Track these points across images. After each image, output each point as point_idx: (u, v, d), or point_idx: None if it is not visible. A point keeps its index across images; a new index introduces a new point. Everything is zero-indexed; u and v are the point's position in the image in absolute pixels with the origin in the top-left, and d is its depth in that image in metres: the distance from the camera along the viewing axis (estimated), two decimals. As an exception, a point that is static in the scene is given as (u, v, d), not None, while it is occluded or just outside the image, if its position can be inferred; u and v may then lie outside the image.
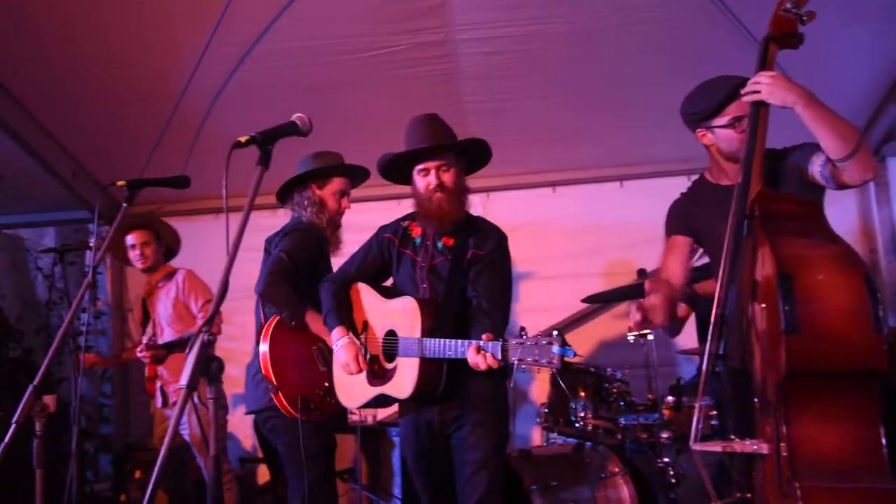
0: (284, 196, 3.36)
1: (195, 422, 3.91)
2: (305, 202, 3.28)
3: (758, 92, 2.26)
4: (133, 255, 4.21)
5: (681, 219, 2.69)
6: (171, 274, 4.26)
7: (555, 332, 2.33)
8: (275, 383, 2.99)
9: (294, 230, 3.24)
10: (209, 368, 1.75)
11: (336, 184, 3.32)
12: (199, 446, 3.96)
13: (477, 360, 2.44)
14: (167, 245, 4.34)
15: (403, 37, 4.11)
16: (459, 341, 2.51)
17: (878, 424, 1.93)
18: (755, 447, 2.10)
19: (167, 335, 4.16)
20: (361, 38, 4.12)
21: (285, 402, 2.99)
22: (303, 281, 3.16)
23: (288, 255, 3.09)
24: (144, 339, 4.14)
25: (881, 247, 4.89)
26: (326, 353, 3.10)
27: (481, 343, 2.44)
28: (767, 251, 2.01)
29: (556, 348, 2.28)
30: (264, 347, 3.03)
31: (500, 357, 2.40)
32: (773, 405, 2.00)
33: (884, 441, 1.93)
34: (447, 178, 2.76)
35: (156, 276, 4.27)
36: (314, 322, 3.09)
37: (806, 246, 2.02)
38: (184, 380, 1.69)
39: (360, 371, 2.79)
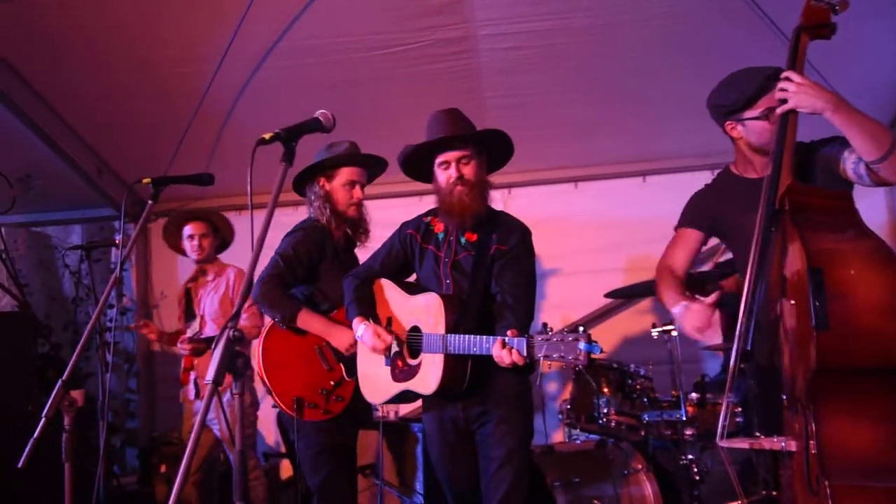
0: (301, 192, 3.33)
1: (224, 419, 3.94)
2: (313, 197, 3.24)
3: (785, 101, 2.23)
4: (191, 245, 4.26)
5: (698, 212, 2.65)
6: (222, 270, 4.30)
7: (580, 329, 2.31)
8: (267, 384, 3.04)
9: (297, 230, 3.23)
10: (234, 364, 1.76)
11: (344, 174, 3.22)
12: (229, 442, 4.00)
13: (502, 357, 2.43)
14: (222, 238, 4.39)
15: (423, 33, 4.11)
16: (484, 337, 2.50)
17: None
18: (783, 444, 2.08)
19: (209, 330, 4.21)
20: (381, 35, 4.12)
21: (280, 403, 3.03)
22: (302, 282, 3.17)
23: (282, 258, 3.10)
24: (189, 333, 4.20)
25: (910, 241, 4.81)
26: (329, 352, 3.11)
27: (506, 339, 2.43)
28: (797, 246, 1.99)
29: (582, 345, 2.27)
30: (259, 349, 3.07)
31: (525, 353, 2.39)
32: (802, 402, 1.98)
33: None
34: (468, 170, 2.75)
35: (206, 268, 4.31)
36: (309, 323, 3.08)
37: (837, 240, 1.99)
38: (210, 375, 1.70)
39: (389, 343, 2.78)
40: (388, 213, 3.52)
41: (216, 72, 4.29)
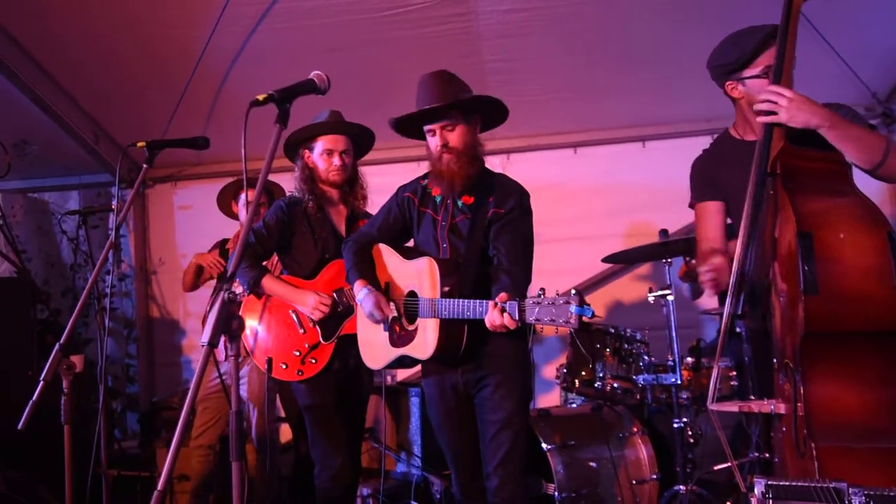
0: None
1: (255, 379, 4.00)
2: (297, 170, 3.29)
3: (775, 113, 2.18)
4: (247, 211, 4.22)
5: (706, 181, 2.63)
6: None
7: (573, 292, 2.29)
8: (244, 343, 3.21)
9: (274, 204, 3.29)
10: (230, 326, 1.77)
11: (322, 143, 3.23)
12: (256, 401, 4.02)
13: (493, 320, 2.43)
14: None
15: (423, -6, 4.06)
16: (477, 301, 2.50)
17: (898, 385, 1.91)
18: (772, 407, 2.10)
19: None
20: (380, -3, 4.07)
21: (256, 362, 3.25)
22: (279, 253, 3.29)
23: (254, 232, 3.17)
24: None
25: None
26: (305, 316, 3.15)
27: (498, 303, 2.43)
28: (788, 209, 1.99)
29: (573, 308, 2.25)
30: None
31: (517, 317, 2.39)
32: (791, 365, 1.99)
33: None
34: (452, 137, 2.73)
35: None
36: (271, 288, 3.17)
37: (828, 204, 1.99)
38: (205, 337, 1.72)
39: (387, 316, 2.80)
40: (387, 179, 3.49)
41: (211, 35, 4.24)
